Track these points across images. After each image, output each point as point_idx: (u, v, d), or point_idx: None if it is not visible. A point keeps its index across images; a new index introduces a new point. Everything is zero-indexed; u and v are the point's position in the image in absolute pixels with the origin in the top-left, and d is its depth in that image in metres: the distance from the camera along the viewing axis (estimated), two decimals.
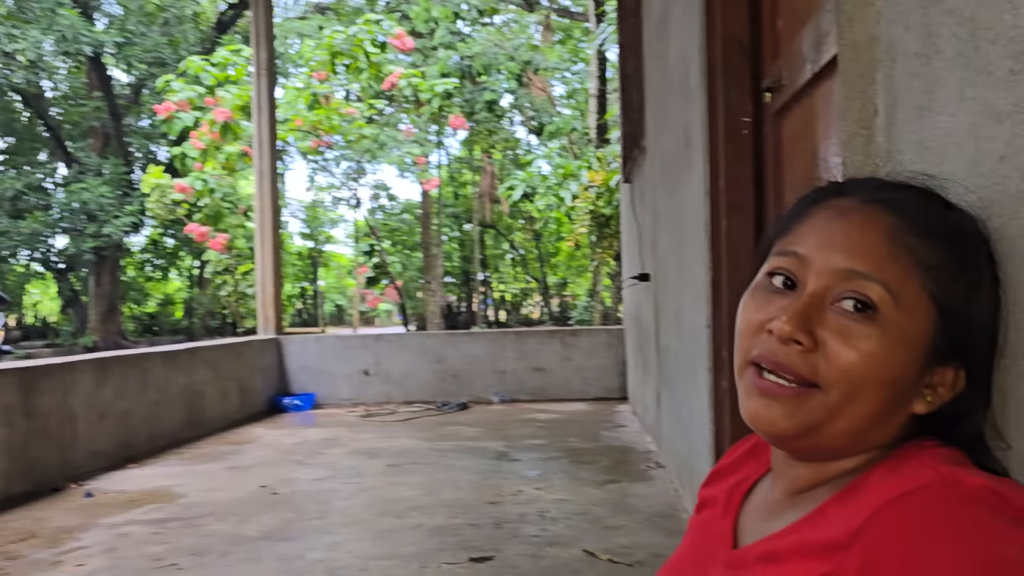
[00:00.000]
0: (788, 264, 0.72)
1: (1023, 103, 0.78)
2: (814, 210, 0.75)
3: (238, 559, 3.05)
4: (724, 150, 2.49)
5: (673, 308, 3.70)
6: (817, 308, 0.69)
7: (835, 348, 0.67)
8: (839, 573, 0.61)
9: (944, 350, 0.70)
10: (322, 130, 11.08)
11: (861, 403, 0.68)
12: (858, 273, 0.68)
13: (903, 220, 0.70)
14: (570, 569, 2.79)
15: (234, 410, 6.70)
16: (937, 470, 0.64)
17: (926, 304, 0.68)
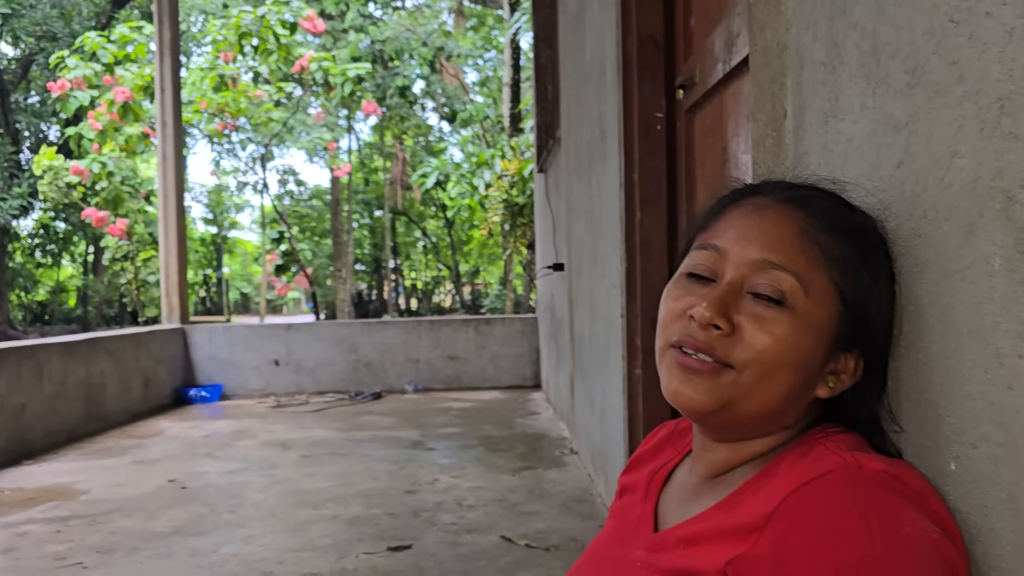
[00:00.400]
0: (707, 258, 0.78)
1: (918, 114, 0.84)
2: (731, 208, 0.81)
3: (148, 556, 2.97)
4: (639, 144, 2.56)
5: (587, 297, 3.77)
6: (734, 296, 0.75)
7: (750, 332, 0.73)
8: (754, 553, 0.66)
9: (846, 338, 0.76)
10: (229, 113, 10.75)
11: (773, 383, 0.74)
12: (772, 264, 0.74)
13: (812, 216, 0.77)
14: (488, 555, 2.84)
15: (137, 403, 6.46)
16: (841, 456, 0.70)
17: (832, 294, 0.75)
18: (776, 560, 0.64)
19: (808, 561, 0.63)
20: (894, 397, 0.89)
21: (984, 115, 0.72)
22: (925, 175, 0.82)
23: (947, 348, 0.78)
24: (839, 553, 0.62)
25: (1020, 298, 0.67)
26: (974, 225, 0.73)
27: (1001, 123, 0.69)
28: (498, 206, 8.66)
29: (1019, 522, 0.67)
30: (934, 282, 0.80)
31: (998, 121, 0.70)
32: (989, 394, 0.71)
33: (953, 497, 0.77)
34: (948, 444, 0.78)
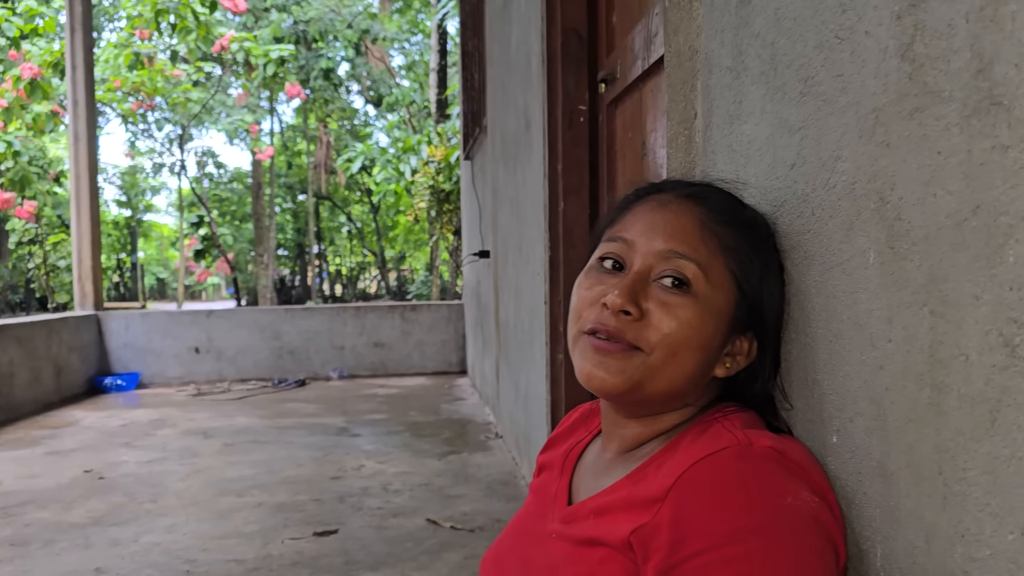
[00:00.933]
0: (617, 249, 0.85)
1: (809, 120, 0.92)
2: (637, 204, 0.89)
3: (65, 547, 2.91)
4: (563, 135, 2.63)
5: (512, 284, 3.84)
6: (643, 284, 0.82)
7: (658, 316, 0.80)
8: (655, 522, 0.74)
9: (741, 322, 0.85)
10: (144, 92, 10.39)
11: (678, 364, 0.81)
12: (676, 253, 0.82)
13: (710, 210, 0.85)
14: (414, 538, 2.88)
15: (49, 392, 6.24)
16: (734, 434, 0.78)
17: (729, 281, 0.83)
18: (674, 528, 0.71)
19: (702, 528, 0.70)
20: (786, 377, 0.98)
21: (862, 124, 0.80)
22: (814, 176, 0.90)
23: (829, 333, 0.87)
24: (729, 521, 0.69)
25: (890, 288, 0.75)
26: (853, 223, 0.82)
27: (876, 132, 0.78)
28: (424, 192, 8.64)
29: (887, 487, 0.76)
30: (820, 273, 0.89)
31: (873, 130, 0.78)
32: (864, 374, 0.80)
33: (834, 467, 0.86)
34: (830, 419, 0.87)
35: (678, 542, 0.70)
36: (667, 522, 0.72)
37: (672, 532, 0.71)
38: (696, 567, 0.68)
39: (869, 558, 0.80)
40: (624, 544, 0.75)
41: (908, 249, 0.73)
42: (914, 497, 0.72)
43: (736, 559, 0.67)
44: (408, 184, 10.47)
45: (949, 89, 0.67)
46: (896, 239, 0.74)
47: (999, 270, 0.61)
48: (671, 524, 0.71)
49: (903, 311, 0.73)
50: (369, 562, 2.65)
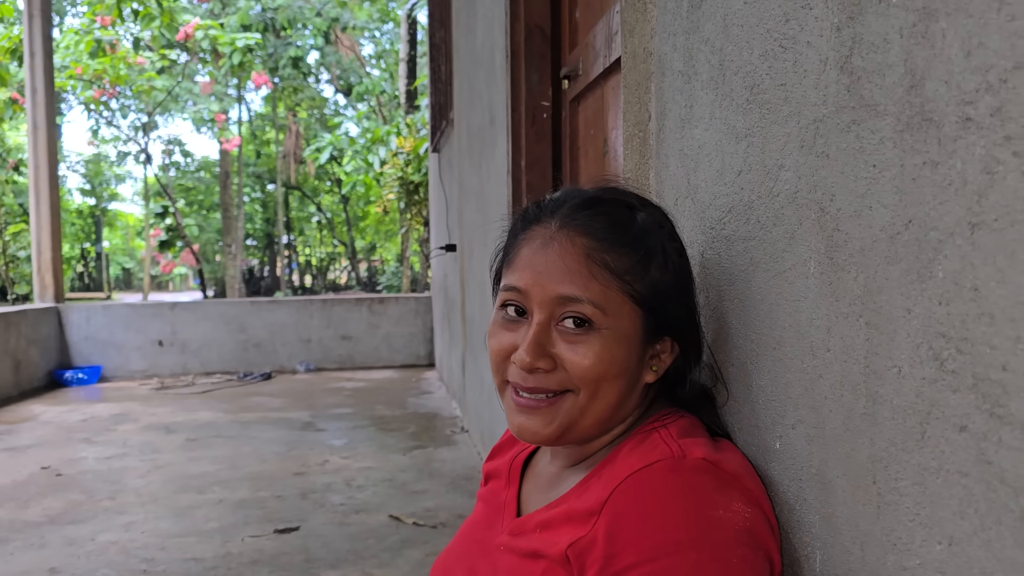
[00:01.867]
0: (514, 297, 0.85)
1: (755, 128, 0.93)
2: (523, 239, 0.87)
3: (20, 546, 2.85)
4: (526, 131, 2.62)
5: (478, 279, 3.83)
6: (546, 333, 0.82)
7: (570, 359, 0.81)
8: (591, 536, 0.74)
9: (654, 330, 0.85)
10: (107, 79, 10.20)
11: (603, 397, 0.82)
12: (569, 298, 0.81)
13: (594, 239, 0.83)
14: (376, 535, 2.87)
15: (7, 386, 6.12)
16: (668, 445, 0.79)
17: (628, 304, 0.82)
18: (608, 541, 0.72)
19: (633, 542, 0.70)
20: (730, 382, 0.98)
21: (803, 134, 0.81)
22: (759, 184, 0.91)
23: (772, 340, 0.87)
24: (659, 534, 0.70)
25: (828, 298, 0.76)
26: (795, 232, 0.82)
27: (816, 142, 0.78)
28: (393, 183, 8.59)
29: (826, 494, 0.77)
30: (764, 281, 0.89)
31: (814, 140, 0.79)
32: (804, 382, 0.81)
33: (777, 472, 0.87)
34: (773, 425, 0.88)
35: (611, 556, 0.71)
36: (601, 536, 0.72)
37: (606, 546, 0.71)
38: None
39: (809, 563, 0.81)
40: (562, 557, 0.75)
41: (846, 260, 0.73)
42: (850, 505, 0.73)
43: (665, 572, 0.68)
44: (377, 175, 10.40)
45: (884, 103, 0.67)
46: (835, 250, 0.75)
47: (928, 284, 0.61)
48: (605, 538, 0.72)
49: (841, 321, 0.74)
50: (330, 560, 2.64)
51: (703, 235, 1.08)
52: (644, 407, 0.89)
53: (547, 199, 0.90)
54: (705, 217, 1.08)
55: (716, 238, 1.05)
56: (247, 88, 16.14)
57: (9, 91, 9.11)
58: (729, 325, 1.00)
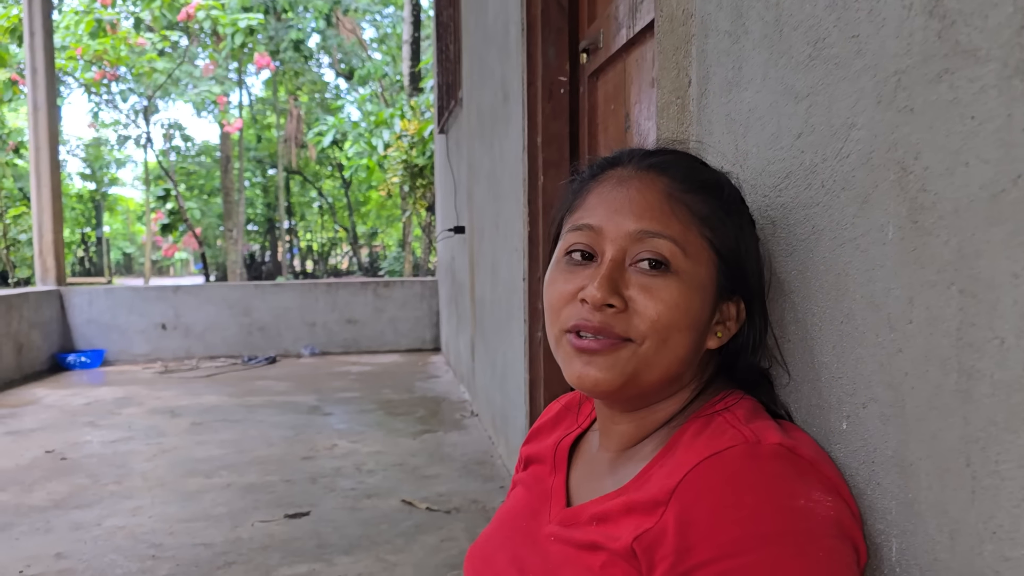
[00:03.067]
0: (583, 238, 0.79)
1: (818, 86, 0.86)
2: (593, 184, 0.82)
3: (25, 531, 2.81)
4: (542, 108, 2.56)
5: (489, 261, 3.77)
6: (620, 271, 0.76)
7: (643, 303, 0.75)
8: (659, 528, 0.68)
9: (726, 288, 0.80)
10: (107, 61, 10.10)
11: (671, 348, 0.76)
12: (648, 232, 0.76)
13: (674, 180, 0.79)
14: (388, 519, 2.82)
15: (10, 370, 6.07)
16: (740, 430, 0.72)
17: (707, 250, 0.78)
18: (679, 533, 0.66)
19: (710, 536, 0.65)
20: (789, 360, 0.92)
21: (881, 89, 0.74)
22: (823, 146, 0.84)
23: (840, 313, 0.81)
24: (738, 528, 0.64)
25: (910, 266, 0.70)
26: (869, 195, 0.76)
27: (897, 97, 0.72)
28: (397, 167, 8.51)
29: (905, 479, 0.71)
30: (830, 250, 0.83)
31: (894, 95, 0.72)
32: (879, 357, 0.75)
33: (842, 455, 0.81)
34: (840, 404, 0.82)
35: (685, 550, 0.65)
36: (672, 528, 0.67)
37: (678, 539, 0.66)
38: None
39: (883, 552, 0.75)
40: (627, 551, 0.70)
41: (933, 223, 0.67)
42: (936, 490, 0.67)
43: (748, 568, 0.63)
44: (381, 159, 10.32)
45: (986, 47, 0.61)
46: (919, 212, 0.69)
47: None
48: (676, 531, 0.66)
49: (926, 290, 0.68)
50: (343, 545, 2.59)
51: (754, 204, 1.02)
52: (702, 381, 0.83)
53: (618, 151, 0.86)
54: (757, 185, 1.01)
55: (770, 207, 0.99)
56: (248, 71, 16.03)
57: (9, 72, 9.02)
58: (786, 299, 0.94)
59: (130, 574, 2.40)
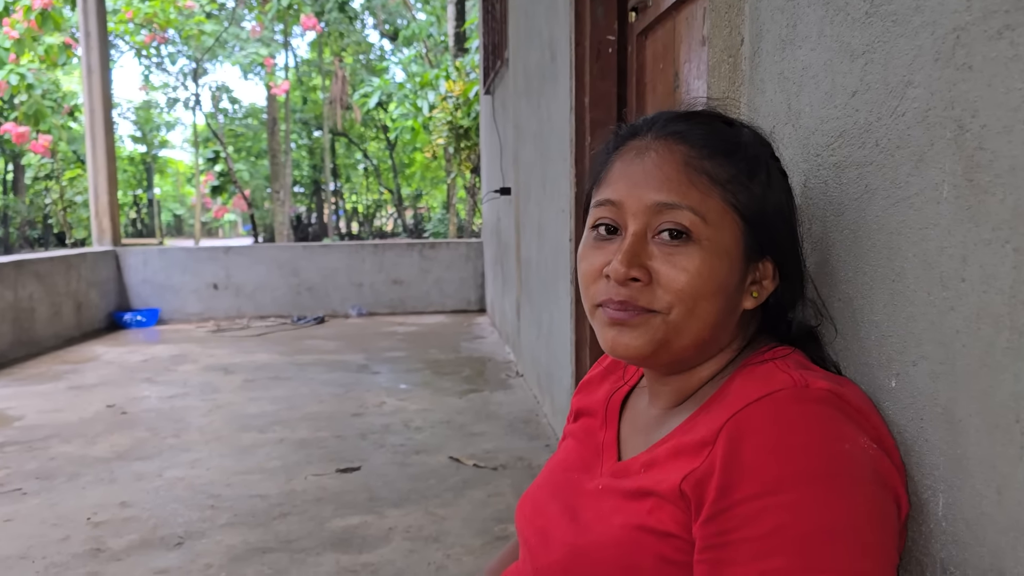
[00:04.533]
0: (606, 212, 0.80)
1: (875, 43, 0.86)
2: (615, 156, 0.83)
3: (90, 481, 2.95)
4: (590, 67, 2.54)
5: (535, 222, 3.78)
6: (642, 244, 0.77)
7: (666, 274, 0.76)
8: (706, 466, 0.70)
9: (755, 249, 0.80)
10: (157, 23, 10.22)
11: (699, 316, 0.77)
12: (667, 204, 0.77)
13: (692, 147, 0.79)
14: (437, 475, 2.90)
15: (70, 327, 6.30)
16: (790, 374, 0.74)
17: (730, 215, 0.78)
18: (725, 471, 0.67)
19: (754, 472, 0.66)
20: (840, 317, 0.93)
21: (939, 46, 0.73)
22: (879, 104, 0.84)
23: (891, 272, 0.81)
24: (783, 466, 0.66)
25: (965, 224, 0.70)
26: (924, 154, 0.76)
27: (956, 54, 0.71)
28: (442, 128, 8.51)
29: (954, 434, 0.72)
30: (882, 209, 0.83)
31: (952, 52, 0.71)
32: (930, 315, 0.75)
33: (892, 412, 0.82)
34: (889, 362, 0.83)
35: (728, 486, 0.67)
36: (718, 465, 0.68)
37: (723, 476, 0.67)
38: (747, 512, 0.65)
39: (929, 507, 0.76)
40: (676, 493, 0.71)
41: (990, 182, 0.67)
42: (985, 446, 0.68)
43: (789, 506, 0.64)
44: (426, 120, 10.32)
45: None
46: (976, 171, 0.69)
47: None
48: (722, 467, 0.68)
49: (981, 248, 0.68)
50: (393, 499, 2.67)
51: (806, 163, 1.02)
52: (744, 340, 0.84)
53: (640, 119, 0.85)
54: (809, 144, 1.01)
55: (822, 166, 0.98)
56: (293, 33, 16.08)
57: (63, 36, 9.19)
58: (836, 258, 0.94)
59: (191, 523, 2.51)
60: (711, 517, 0.67)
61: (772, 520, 0.64)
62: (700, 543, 0.68)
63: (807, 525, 0.63)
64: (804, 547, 0.63)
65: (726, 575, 0.65)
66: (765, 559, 0.63)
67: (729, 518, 0.66)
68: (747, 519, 0.65)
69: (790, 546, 0.63)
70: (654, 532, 0.72)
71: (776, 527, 0.63)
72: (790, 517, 0.64)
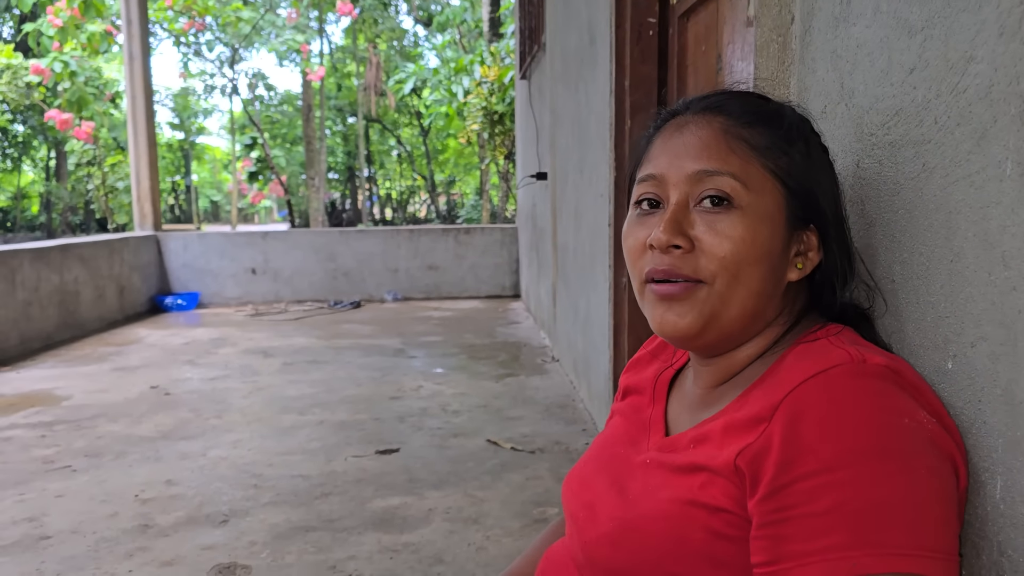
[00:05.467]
0: (649, 187, 0.81)
1: (934, 19, 0.84)
2: (657, 136, 0.84)
3: (137, 459, 3.02)
4: (630, 50, 2.52)
5: (572, 207, 3.77)
6: (684, 213, 0.78)
7: (709, 241, 0.76)
8: (762, 442, 0.69)
9: (798, 217, 0.80)
10: (195, 10, 10.33)
11: (745, 283, 0.77)
12: (707, 172, 0.77)
13: (730, 117, 0.80)
14: (475, 458, 2.92)
15: (113, 310, 6.43)
16: (846, 350, 0.73)
17: (771, 181, 0.78)
18: (783, 447, 0.67)
19: (813, 448, 0.66)
20: (893, 300, 0.92)
21: (1005, 19, 0.72)
22: (938, 81, 0.82)
23: (949, 252, 0.80)
24: (842, 441, 0.65)
25: None
26: (986, 131, 0.74)
27: (1022, 27, 0.69)
28: (477, 114, 8.51)
29: (1013, 416, 0.71)
30: (941, 188, 0.82)
31: (1019, 25, 0.70)
32: (991, 295, 0.74)
33: (947, 394, 0.81)
34: (946, 344, 0.81)
35: (787, 462, 0.66)
36: (775, 441, 0.68)
37: (781, 452, 0.67)
38: (806, 489, 0.65)
39: (987, 490, 0.75)
40: (729, 468, 0.71)
41: None
42: None
43: (849, 482, 0.64)
44: (460, 106, 10.32)
45: None
46: None
47: None
48: (780, 443, 0.67)
49: None
50: (432, 480, 2.69)
51: (860, 143, 1.00)
52: (791, 317, 0.83)
53: (679, 102, 0.87)
54: (863, 123, 0.99)
55: (877, 145, 0.97)
56: (328, 20, 16.14)
57: (104, 23, 9.33)
58: (891, 238, 0.93)
59: (235, 501, 2.56)
60: (769, 494, 0.67)
61: (832, 497, 0.63)
62: (757, 519, 0.68)
63: (867, 501, 0.63)
64: (865, 523, 0.62)
65: (785, 551, 0.65)
66: (825, 536, 0.63)
67: (788, 494, 0.65)
68: (807, 496, 0.64)
69: (850, 522, 0.63)
70: (705, 507, 0.73)
71: (836, 503, 0.63)
72: (850, 493, 0.63)
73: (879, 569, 0.61)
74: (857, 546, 0.62)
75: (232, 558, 2.16)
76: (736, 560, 0.71)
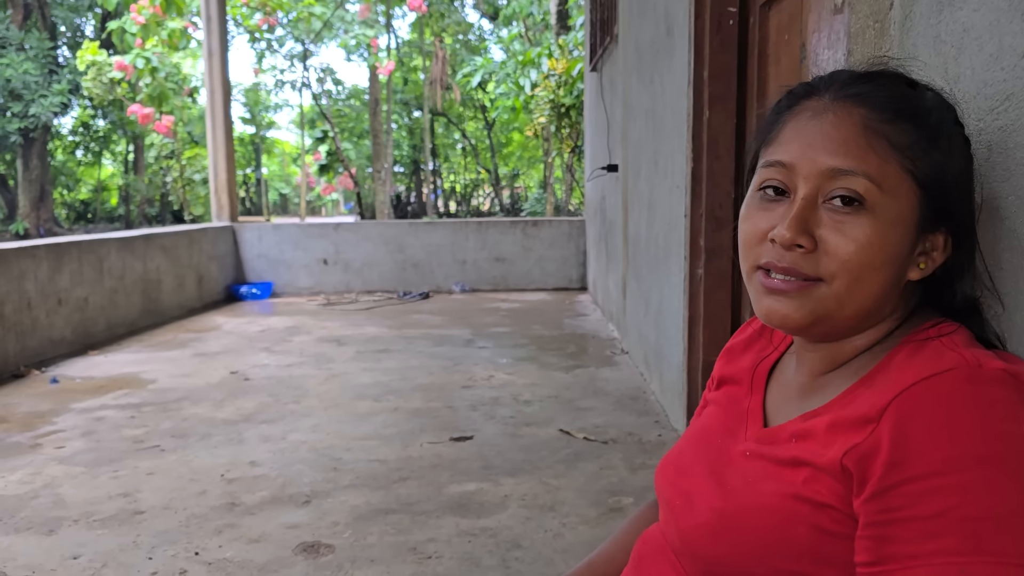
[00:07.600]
0: (776, 174, 0.78)
1: None
2: (789, 116, 0.80)
3: (221, 441, 3.13)
4: (709, 40, 2.50)
5: (645, 199, 3.76)
6: (811, 210, 0.75)
7: (834, 243, 0.73)
8: (870, 443, 0.68)
9: (931, 219, 0.76)
10: (269, 6, 10.59)
11: (865, 287, 0.75)
12: (842, 170, 0.73)
13: (872, 110, 0.75)
14: (548, 447, 2.94)
15: (192, 298, 6.67)
16: (960, 353, 0.70)
17: (907, 183, 0.74)
18: (892, 448, 0.66)
19: (923, 452, 0.64)
20: (1002, 289, 0.90)
21: None
22: None
23: None
24: (954, 446, 0.64)
25: None
26: None
27: None
28: (544, 107, 8.51)
29: None
30: None
31: None
32: None
33: None
34: None
35: (896, 464, 0.65)
36: (884, 443, 0.67)
37: (890, 454, 0.66)
38: (913, 492, 0.64)
39: None
40: (836, 466, 0.70)
41: None
42: None
43: (959, 488, 0.62)
44: (527, 99, 10.34)
45: None
46: None
47: None
48: (890, 445, 0.66)
49: None
50: (506, 468, 2.73)
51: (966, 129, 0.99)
52: (906, 311, 0.81)
53: (816, 77, 0.83)
54: (969, 109, 0.98)
55: (984, 130, 0.95)
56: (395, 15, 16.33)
57: (183, 20, 9.64)
58: (1001, 226, 0.91)
59: (316, 483, 2.64)
60: (876, 494, 0.66)
61: (941, 501, 0.63)
62: (864, 519, 0.67)
63: (977, 508, 0.62)
64: (972, 530, 0.61)
65: (891, 552, 0.64)
66: (932, 540, 0.62)
67: (896, 496, 0.65)
68: (915, 498, 0.64)
69: (958, 528, 0.62)
70: (810, 502, 0.72)
71: (945, 508, 0.62)
72: (960, 499, 0.62)
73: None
74: (968, 552, 0.61)
75: (316, 537, 2.23)
76: (841, 557, 0.70)
